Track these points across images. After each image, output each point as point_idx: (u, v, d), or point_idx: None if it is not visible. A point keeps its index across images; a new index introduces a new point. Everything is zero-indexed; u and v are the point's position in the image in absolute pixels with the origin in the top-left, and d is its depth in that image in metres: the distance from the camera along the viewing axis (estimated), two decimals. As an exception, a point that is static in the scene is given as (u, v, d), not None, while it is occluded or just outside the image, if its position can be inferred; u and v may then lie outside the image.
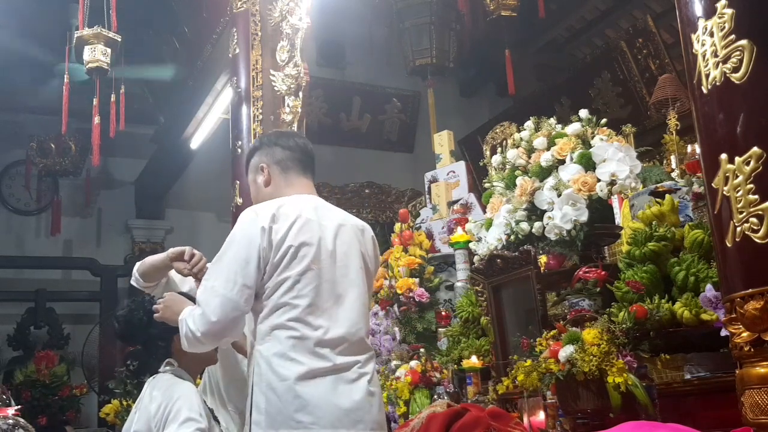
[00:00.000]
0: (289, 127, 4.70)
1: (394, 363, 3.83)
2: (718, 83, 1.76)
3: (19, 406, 3.34)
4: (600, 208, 2.77)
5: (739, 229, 1.69)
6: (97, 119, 5.39)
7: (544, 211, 2.79)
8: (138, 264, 2.78)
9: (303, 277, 2.19)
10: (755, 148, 1.67)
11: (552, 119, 3.05)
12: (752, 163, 1.67)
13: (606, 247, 3.21)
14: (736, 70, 1.71)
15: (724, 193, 1.74)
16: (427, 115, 8.21)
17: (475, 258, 3.41)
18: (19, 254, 8.66)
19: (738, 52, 1.71)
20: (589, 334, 2.40)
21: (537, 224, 2.81)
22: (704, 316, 2.53)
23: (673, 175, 3.93)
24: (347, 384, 2.16)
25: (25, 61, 7.33)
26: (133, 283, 2.78)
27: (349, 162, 9.12)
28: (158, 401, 2.29)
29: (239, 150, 4.94)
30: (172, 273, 2.75)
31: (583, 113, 2.96)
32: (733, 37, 1.72)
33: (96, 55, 4.96)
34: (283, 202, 2.30)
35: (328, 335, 2.18)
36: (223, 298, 2.14)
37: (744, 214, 1.68)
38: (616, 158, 2.72)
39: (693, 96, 1.87)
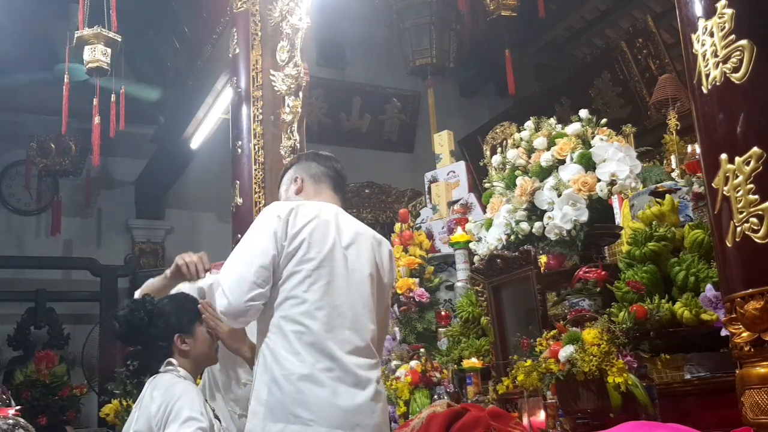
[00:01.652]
0: (289, 127, 4.71)
1: (394, 363, 3.83)
2: (718, 83, 1.76)
3: (19, 406, 3.33)
4: (600, 208, 2.77)
5: (739, 229, 1.69)
6: (97, 119, 5.38)
7: (544, 211, 2.79)
8: (137, 292, 2.77)
9: (314, 272, 2.23)
10: (755, 148, 1.67)
11: (552, 119, 3.04)
12: (752, 163, 1.67)
13: (606, 247, 3.20)
14: (736, 70, 1.71)
15: (724, 193, 1.74)
16: (427, 115, 8.21)
17: (475, 258, 3.41)
18: (19, 254, 8.65)
19: (738, 52, 1.71)
20: (589, 334, 2.40)
21: (537, 224, 2.81)
22: (704, 316, 2.53)
23: (673, 175, 3.93)
24: (351, 386, 2.16)
25: (25, 61, 7.33)
26: None
27: (349, 162, 9.00)
28: (159, 401, 2.29)
29: (239, 150, 4.94)
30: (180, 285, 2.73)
31: (583, 113, 2.96)
32: (733, 37, 1.72)
33: (96, 55, 4.95)
34: (304, 203, 2.37)
35: (336, 332, 2.20)
36: (241, 278, 2.20)
37: (744, 214, 1.68)
38: (616, 158, 2.72)
39: (693, 96, 1.87)
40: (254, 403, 2.18)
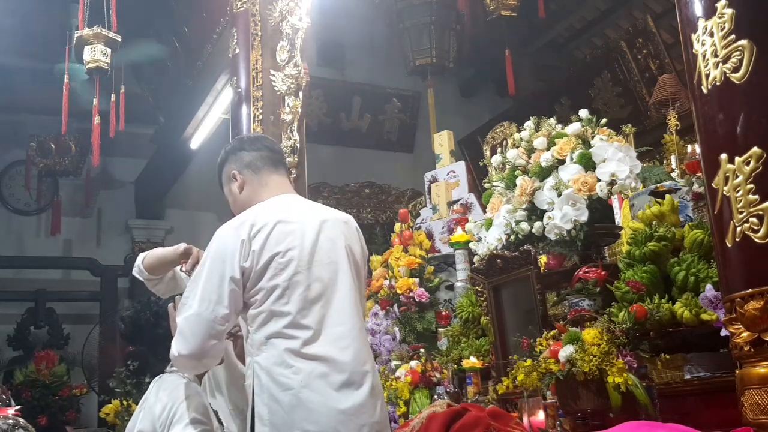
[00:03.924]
0: (289, 127, 4.70)
1: (394, 363, 3.83)
2: (718, 83, 1.76)
3: (19, 406, 3.34)
4: (600, 208, 2.77)
5: (739, 229, 1.69)
6: (97, 119, 5.38)
7: (544, 211, 2.79)
8: (143, 255, 2.72)
9: (291, 282, 2.17)
10: (755, 148, 1.67)
11: (552, 119, 3.04)
12: (752, 163, 1.67)
13: (606, 247, 3.20)
14: (736, 70, 1.71)
15: (724, 193, 1.74)
16: (427, 115, 8.22)
17: (475, 258, 3.41)
18: (19, 254, 8.65)
19: (738, 52, 1.71)
20: (589, 334, 2.40)
21: (537, 224, 2.81)
22: (704, 316, 2.53)
23: (673, 175, 3.93)
24: (349, 386, 2.15)
25: (25, 61, 7.33)
26: (135, 274, 2.72)
27: (349, 162, 9.11)
28: (164, 401, 2.29)
29: (239, 150, 4.93)
30: (179, 269, 2.72)
31: (583, 113, 2.96)
32: (733, 37, 1.73)
33: (96, 55, 4.95)
34: (260, 210, 2.27)
35: (326, 333, 2.17)
36: (198, 318, 2.13)
37: (744, 214, 1.68)
38: (616, 158, 2.72)
39: (693, 96, 1.87)
40: (258, 425, 2.11)
